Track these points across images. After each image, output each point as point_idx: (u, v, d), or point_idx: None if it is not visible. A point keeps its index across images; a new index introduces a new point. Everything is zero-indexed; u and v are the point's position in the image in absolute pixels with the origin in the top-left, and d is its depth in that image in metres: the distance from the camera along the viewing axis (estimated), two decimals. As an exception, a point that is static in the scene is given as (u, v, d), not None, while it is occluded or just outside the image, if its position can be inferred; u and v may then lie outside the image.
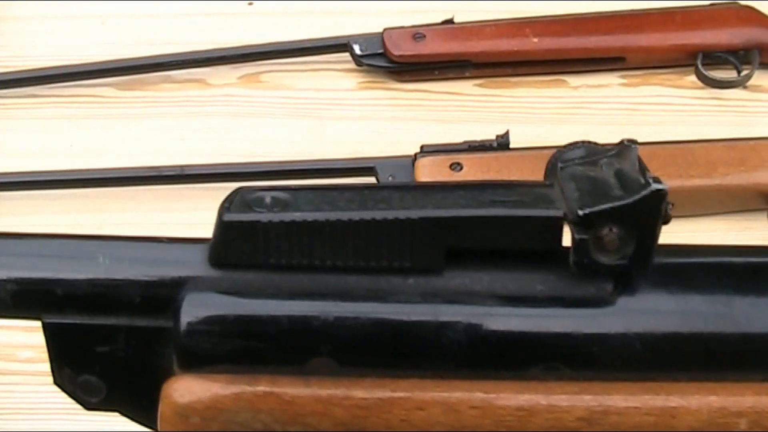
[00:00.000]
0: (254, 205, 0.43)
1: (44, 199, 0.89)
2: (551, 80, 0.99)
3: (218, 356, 0.43)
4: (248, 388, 0.43)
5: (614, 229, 0.42)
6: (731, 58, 0.96)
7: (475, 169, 0.86)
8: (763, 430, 0.44)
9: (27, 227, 0.85)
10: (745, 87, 0.97)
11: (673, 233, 0.85)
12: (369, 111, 0.97)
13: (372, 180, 0.88)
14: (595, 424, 0.43)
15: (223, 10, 1.05)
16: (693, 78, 0.97)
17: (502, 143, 0.87)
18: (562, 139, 0.88)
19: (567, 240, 0.43)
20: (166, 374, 0.44)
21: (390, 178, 0.87)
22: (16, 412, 0.76)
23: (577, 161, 0.45)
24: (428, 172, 0.86)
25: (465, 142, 0.88)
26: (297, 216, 0.43)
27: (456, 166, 0.86)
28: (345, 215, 0.43)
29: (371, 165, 0.88)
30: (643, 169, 0.43)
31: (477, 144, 0.88)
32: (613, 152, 0.45)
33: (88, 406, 0.47)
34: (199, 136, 0.94)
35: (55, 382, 0.46)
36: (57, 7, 1.05)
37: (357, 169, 0.89)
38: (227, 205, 0.44)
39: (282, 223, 0.43)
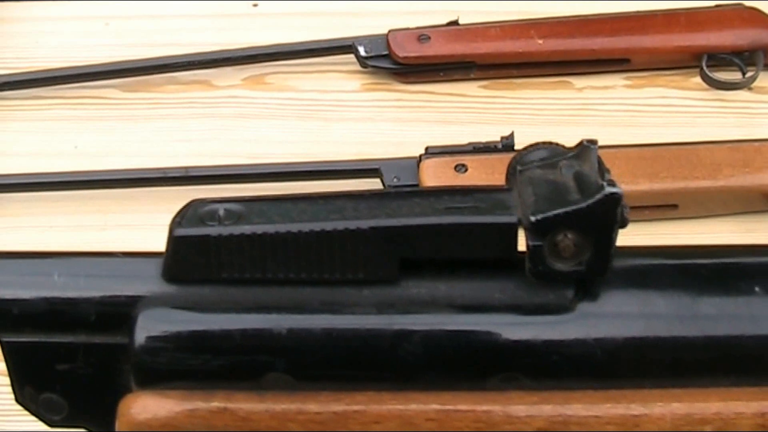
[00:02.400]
0: (206, 219, 0.43)
1: (48, 200, 0.89)
2: (556, 82, 0.98)
3: (173, 373, 0.43)
4: (203, 405, 0.43)
5: (569, 235, 0.41)
6: (736, 60, 0.96)
7: (479, 171, 0.86)
8: (729, 437, 0.42)
9: (31, 228, 0.87)
10: (749, 89, 0.96)
11: (677, 234, 0.86)
12: (374, 112, 0.97)
13: (377, 182, 0.88)
14: None
15: (227, 12, 1.05)
16: (698, 79, 0.97)
17: (506, 145, 0.87)
18: (567, 140, 0.88)
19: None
20: (126, 391, 0.44)
21: (395, 180, 0.87)
22: (18, 414, 0.76)
23: (536, 164, 0.44)
24: (433, 173, 0.86)
25: (470, 144, 0.88)
26: (247, 229, 0.42)
27: (461, 168, 0.86)
28: (296, 227, 0.42)
29: (376, 166, 0.88)
30: (602, 171, 0.42)
31: (482, 145, 0.88)
32: (573, 153, 0.44)
33: (52, 424, 0.47)
34: (204, 138, 0.94)
35: (17, 401, 0.46)
36: (61, 9, 1.06)
37: (361, 171, 0.88)
38: (179, 220, 0.43)
39: (232, 236, 0.42)
